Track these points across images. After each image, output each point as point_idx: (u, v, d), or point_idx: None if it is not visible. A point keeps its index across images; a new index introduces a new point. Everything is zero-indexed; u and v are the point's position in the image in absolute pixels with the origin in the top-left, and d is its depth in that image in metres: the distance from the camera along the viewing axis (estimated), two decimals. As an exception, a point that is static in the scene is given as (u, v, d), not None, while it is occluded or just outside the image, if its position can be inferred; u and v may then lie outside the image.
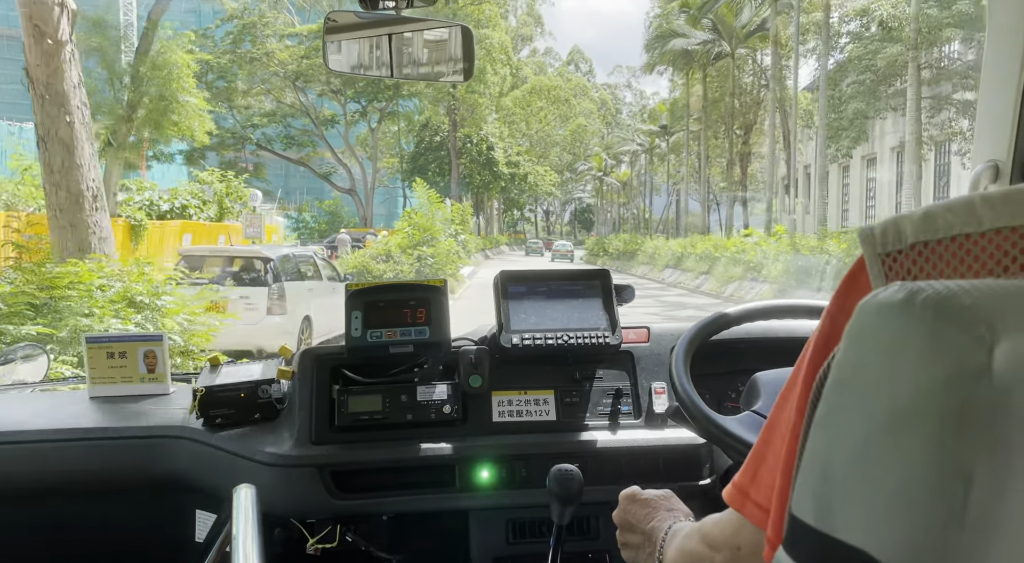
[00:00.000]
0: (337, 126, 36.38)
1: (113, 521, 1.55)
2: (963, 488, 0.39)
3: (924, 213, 0.53)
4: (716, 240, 24.40)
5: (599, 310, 1.53)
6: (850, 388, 0.47)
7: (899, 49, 20.00)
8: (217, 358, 1.54)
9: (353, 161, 37.54)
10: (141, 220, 14.04)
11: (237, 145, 34.53)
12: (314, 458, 1.39)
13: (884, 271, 0.53)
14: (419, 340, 1.45)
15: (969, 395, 0.39)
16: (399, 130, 39.76)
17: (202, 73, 32.15)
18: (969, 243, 0.50)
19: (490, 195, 45.29)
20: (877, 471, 0.43)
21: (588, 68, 66.78)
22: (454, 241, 18.69)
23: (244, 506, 1.21)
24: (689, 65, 32.97)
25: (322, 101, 35.73)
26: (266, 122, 34.47)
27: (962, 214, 0.51)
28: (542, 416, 1.49)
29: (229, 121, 34.20)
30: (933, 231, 0.52)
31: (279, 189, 42.16)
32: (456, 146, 37.56)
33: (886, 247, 0.53)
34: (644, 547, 0.89)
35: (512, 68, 39.81)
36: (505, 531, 1.51)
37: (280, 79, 32.40)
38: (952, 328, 0.40)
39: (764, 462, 0.66)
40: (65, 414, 1.56)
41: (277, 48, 31.56)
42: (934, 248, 0.51)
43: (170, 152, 30.61)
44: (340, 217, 41.10)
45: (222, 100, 32.78)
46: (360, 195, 37.18)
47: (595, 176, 60.07)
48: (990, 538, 0.39)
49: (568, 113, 52.78)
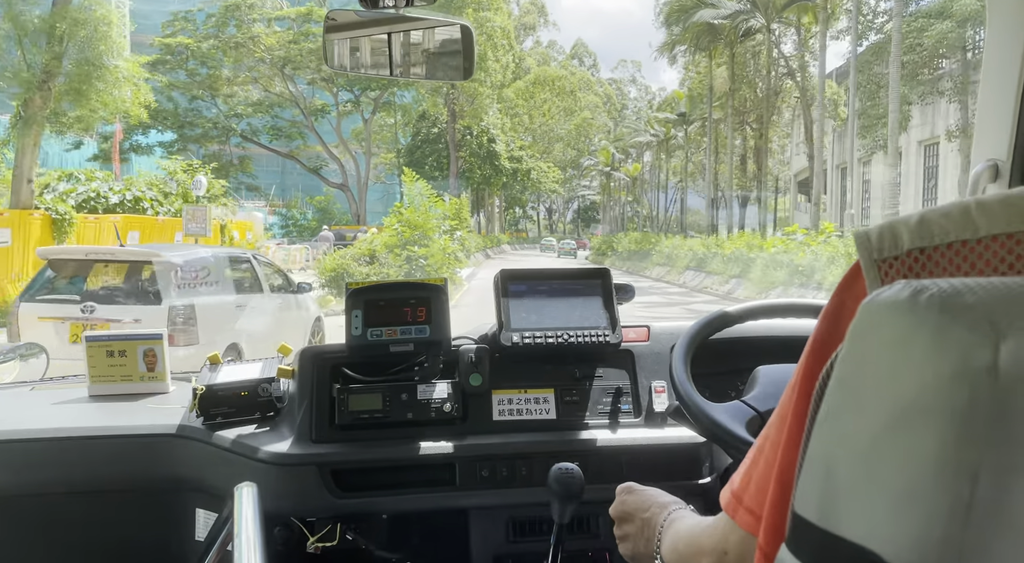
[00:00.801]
0: (328, 117, 36.09)
1: (113, 520, 1.64)
2: (969, 485, 0.41)
3: (920, 219, 0.55)
4: (749, 238, 23.24)
5: (599, 309, 1.62)
6: (853, 386, 0.49)
7: (950, 25, 19.23)
8: (217, 356, 1.64)
9: (346, 155, 37.28)
10: (65, 213, 12.91)
11: (221, 137, 34.30)
12: (314, 457, 1.46)
13: (880, 277, 0.56)
14: (419, 339, 1.53)
15: (975, 392, 0.41)
16: (396, 123, 39.42)
17: (182, 59, 31.61)
18: (966, 250, 0.52)
19: (491, 191, 45.22)
20: (881, 469, 0.45)
21: (592, 62, 67.15)
22: (450, 239, 18.00)
23: (245, 505, 1.28)
24: (714, 42, 31.80)
25: (313, 91, 35.44)
26: (251, 112, 34.06)
27: (958, 221, 0.53)
28: (542, 415, 1.58)
29: (213, 111, 33.93)
30: (929, 238, 0.54)
31: (273, 186, 42.00)
32: (455, 138, 37.20)
33: (882, 253, 0.56)
34: (642, 533, 0.93)
35: (515, 55, 39.56)
36: (505, 530, 1.59)
37: (267, 66, 32.03)
38: (958, 325, 0.42)
39: (757, 468, 0.69)
40: (65, 413, 1.66)
41: (263, 32, 31.13)
42: (930, 254, 0.54)
43: (149, 143, 30.40)
44: (331, 214, 40.90)
45: (204, 88, 32.40)
46: (353, 191, 36.93)
47: (601, 171, 60.12)
48: (996, 535, 0.41)
49: (573, 106, 52.66)
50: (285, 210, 41.52)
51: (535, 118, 49.28)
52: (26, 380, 1.94)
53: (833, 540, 0.48)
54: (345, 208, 39.66)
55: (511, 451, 1.53)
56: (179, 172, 18.66)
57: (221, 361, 1.63)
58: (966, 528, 0.41)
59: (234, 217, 21.65)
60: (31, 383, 1.95)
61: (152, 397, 1.72)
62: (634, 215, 62.87)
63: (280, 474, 1.46)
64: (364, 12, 1.56)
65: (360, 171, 37.13)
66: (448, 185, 35.60)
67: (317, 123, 35.93)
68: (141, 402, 1.70)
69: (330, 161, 37.59)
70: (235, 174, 36.94)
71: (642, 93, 70.36)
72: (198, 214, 14.26)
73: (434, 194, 17.29)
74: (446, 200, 19.79)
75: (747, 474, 0.70)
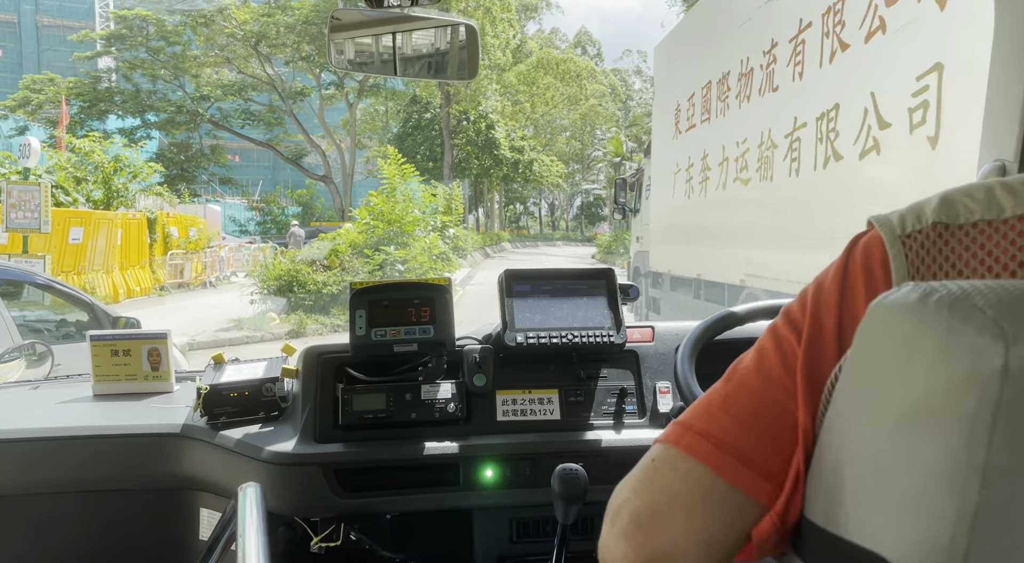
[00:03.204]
0: (311, 101, 35.48)
1: (117, 519, 1.80)
2: (977, 490, 0.43)
3: (942, 198, 0.59)
4: None
5: (604, 309, 1.77)
6: (861, 388, 0.52)
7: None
8: (221, 356, 1.81)
9: (330, 145, 36.74)
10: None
11: (190, 123, 33.69)
12: (318, 457, 1.60)
13: (905, 252, 0.59)
14: (423, 339, 1.68)
15: (985, 396, 0.43)
16: (388, 111, 38.67)
17: (141, 35, 30.54)
18: (991, 230, 0.56)
19: (491, 185, 44.99)
20: (889, 472, 0.48)
21: (596, 51, 67.30)
22: (439, 238, 16.42)
23: (249, 504, 1.39)
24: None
25: (293, 74, 34.95)
26: (221, 94, 33.35)
27: (983, 201, 0.57)
28: (546, 415, 1.72)
29: (179, 93, 33.17)
30: (954, 216, 0.58)
31: (260, 180, 41.43)
32: (449, 124, 36.37)
33: (905, 229, 0.60)
34: None
35: (516, 31, 39.15)
36: (509, 530, 1.75)
37: (240, 44, 31.18)
38: (968, 328, 0.44)
39: (728, 407, 0.70)
40: (69, 412, 1.82)
41: (233, 3, 30.32)
42: (954, 232, 0.58)
43: (107, 130, 29.82)
44: (314, 209, 40.42)
45: (169, 68, 31.44)
46: (338, 184, 36.45)
47: (611, 163, 60.00)
48: (1004, 540, 0.43)
49: (578, 94, 52.26)
50: (265, 205, 41.36)
51: (537, 106, 48.88)
52: (30, 379, 2.11)
53: (840, 544, 0.52)
54: (329, 203, 39.28)
55: (515, 452, 1.66)
56: (97, 152, 16.19)
57: (225, 360, 1.80)
58: (974, 533, 0.43)
59: (173, 210, 19.98)
60: (35, 382, 2.11)
61: (156, 396, 1.88)
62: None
63: (284, 474, 1.58)
64: (369, 11, 1.72)
65: (346, 161, 36.54)
66: (443, 177, 34.83)
67: (298, 109, 35.37)
68: (145, 401, 1.86)
69: (312, 151, 37.17)
70: (206, 165, 36.75)
71: (647, 85, 70.60)
72: (26, 196, 10.14)
73: (414, 173, 15.67)
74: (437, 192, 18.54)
75: (707, 412, 0.71)
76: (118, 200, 16.54)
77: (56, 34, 45.95)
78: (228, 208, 38.05)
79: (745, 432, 0.67)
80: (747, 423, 0.67)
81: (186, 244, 19.01)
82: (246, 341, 10.89)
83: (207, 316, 12.69)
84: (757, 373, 0.69)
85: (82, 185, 15.55)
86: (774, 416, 0.66)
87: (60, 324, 5.09)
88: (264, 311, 12.24)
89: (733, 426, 0.67)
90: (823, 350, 0.62)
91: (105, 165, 16.26)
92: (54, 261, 12.10)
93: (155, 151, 33.89)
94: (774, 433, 0.65)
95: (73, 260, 13.71)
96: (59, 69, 34.33)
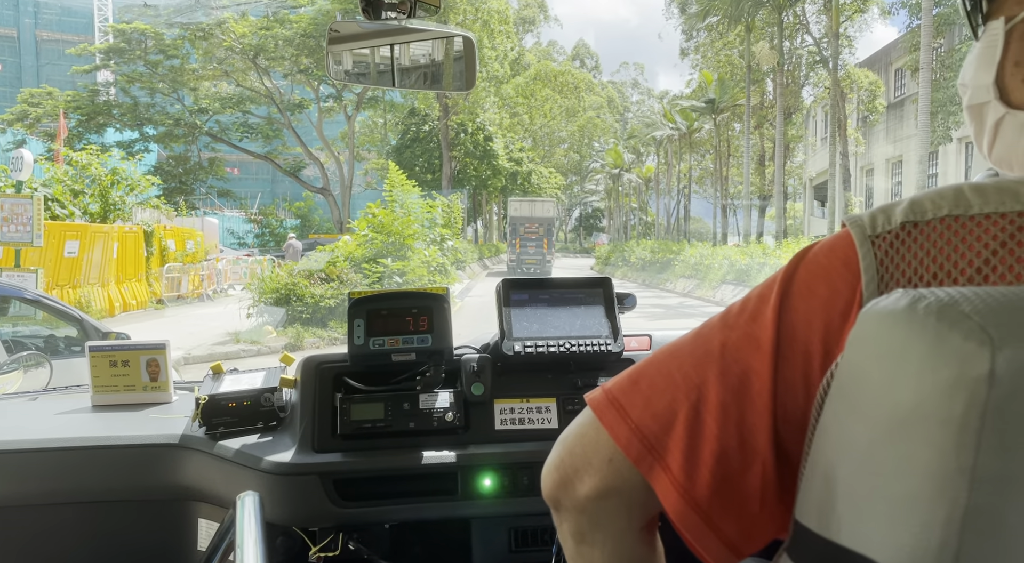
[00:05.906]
0: (309, 114, 35.73)
1: (115, 530, 1.81)
2: (966, 493, 0.44)
3: (911, 199, 0.63)
4: (791, 245, 22.29)
5: (601, 318, 1.79)
6: (852, 394, 0.53)
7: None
8: (219, 366, 1.83)
9: (328, 157, 36.94)
10: None
11: (188, 136, 33.84)
12: (316, 466, 1.61)
13: (874, 251, 0.61)
14: (421, 348, 1.69)
15: (973, 401, 0.44)
16: (386, 124, 38.93)
17: (139, 49, 30.66)
18: (957, 225, 0.59)
19: (489, 196, 45.26)
20: (880, 476, 0.49)
21: (594, 63, 68.26)
22: (437, 250, 16.63)
23: (247, 514, 1.42)
24: (759, 6, 30.34)
25: (292, 87, 35.18)
26: (219, 107, 33.60)
27: (950, 199, 0.60)
28: (544, 424, 1.74)
29: (177, 107, 33.35)
30: (922, 214, 0.61)
31: (260, 193, 41.61)
32: (448, 136, 36.80)
33: (875, 230, 0.62)
34: None
35: (513, 44, 39.51)
36: (507, 539, 1.76)
37: (238, 57, 31.42)
38: (955, 334, 0.46)
39: (657, 388, 0.72)
40: (68, 423, 1.83)
41: (231, 17, 30.55)
42: (923, 228, 0.60)
43: (105, 144, 29.86)
44: (312, 222, 40.69)
45: (167, 81, 31.64)
46: (336, 196, 36.58)
47: (610, 174, 60.30)
48: (993, 542, 0.45)
49: (576, 106, 52.67)
50: (263, 218, 41.51)
51: (535, 119, 49.29)
52: (29, 390, 2.12)
53: (832, 549, 0.53)
54: (328, 215, 39.36)
55: (513, 460, 1.67)
56: (94, 164, 16.03)
57: (224, 370, 1.82)
58: (963, 535, 0.45)
59: (170, 222, 19.84)
60: (34, 393, 2.12)
61: (155, 407, 1.89)
62: (637, 222, 63.05)
63: (282, 483, 1.59)
64: (367, 23, 1.74)
65: (344, 173, 36.84)
66: (441, 190, 35.08)
67: (296, 122, 35.55)
68: (144, 412, 1.88)
69: (310, 163, 37.31)
70: (204, 178, 36.88)
71: (644, 96, 71.53)
72: (18, 211, 9.91)
73: (423, 197, 16.12)
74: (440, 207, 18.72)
75: (635, 387, 0.73)
76: (115, 213, 16.48)
77: (55, 48, 46.16)
78: (226, 221, 38.18)
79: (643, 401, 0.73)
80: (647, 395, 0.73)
81: (183, 257, 18.93)
82: (242, 355, 10.80)
83: (204, 329, 12.61)
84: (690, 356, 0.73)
85: (79, 198, 15.54)
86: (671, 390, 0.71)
87: (48, 340, 5.01)
88: (261, 324, 12.10)
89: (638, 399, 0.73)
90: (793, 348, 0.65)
91: (102, 178, 16.27)
92: (49, 275, 12.07)
93: (153, 164, 34.07)
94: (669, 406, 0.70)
95: (68, 274, 13.64)
96: (58, 82, 34.52)
